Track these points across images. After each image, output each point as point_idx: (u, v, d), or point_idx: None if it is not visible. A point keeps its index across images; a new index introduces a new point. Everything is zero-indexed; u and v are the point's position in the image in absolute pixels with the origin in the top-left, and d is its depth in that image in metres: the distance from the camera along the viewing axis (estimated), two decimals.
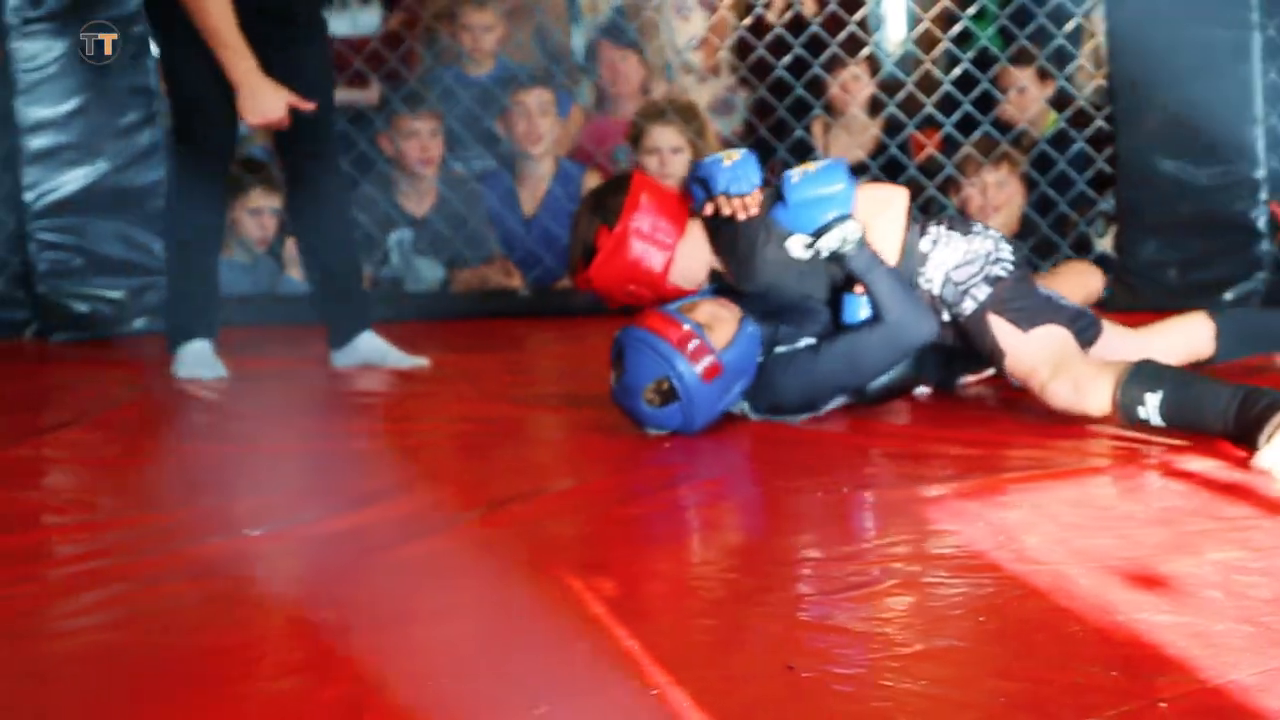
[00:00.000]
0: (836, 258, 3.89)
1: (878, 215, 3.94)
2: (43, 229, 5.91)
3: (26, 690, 2.44)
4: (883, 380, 4.06)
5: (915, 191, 6.09)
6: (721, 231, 3.98)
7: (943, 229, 4.00)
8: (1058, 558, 2.87)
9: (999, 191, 6.07)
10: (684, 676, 2.33)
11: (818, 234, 3.88)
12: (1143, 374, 3.69)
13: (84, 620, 2.76)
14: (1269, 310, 4.73)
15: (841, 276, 3.94)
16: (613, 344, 3.92)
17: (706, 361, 3.80)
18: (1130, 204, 5.78)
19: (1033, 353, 3.86)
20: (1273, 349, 4.30)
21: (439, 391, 4.94)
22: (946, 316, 3.96)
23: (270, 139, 4.88)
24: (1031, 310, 3.91)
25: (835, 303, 3.97)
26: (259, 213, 6.18)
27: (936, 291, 3.96)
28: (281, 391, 4.93)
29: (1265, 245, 5.62)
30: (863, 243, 3.87)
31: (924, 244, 3.97)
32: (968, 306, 3.93)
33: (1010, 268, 3.94)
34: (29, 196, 5.89)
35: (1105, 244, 5.98)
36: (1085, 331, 4.05)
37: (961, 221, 4.06)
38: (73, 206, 5.92)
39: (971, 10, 6.20)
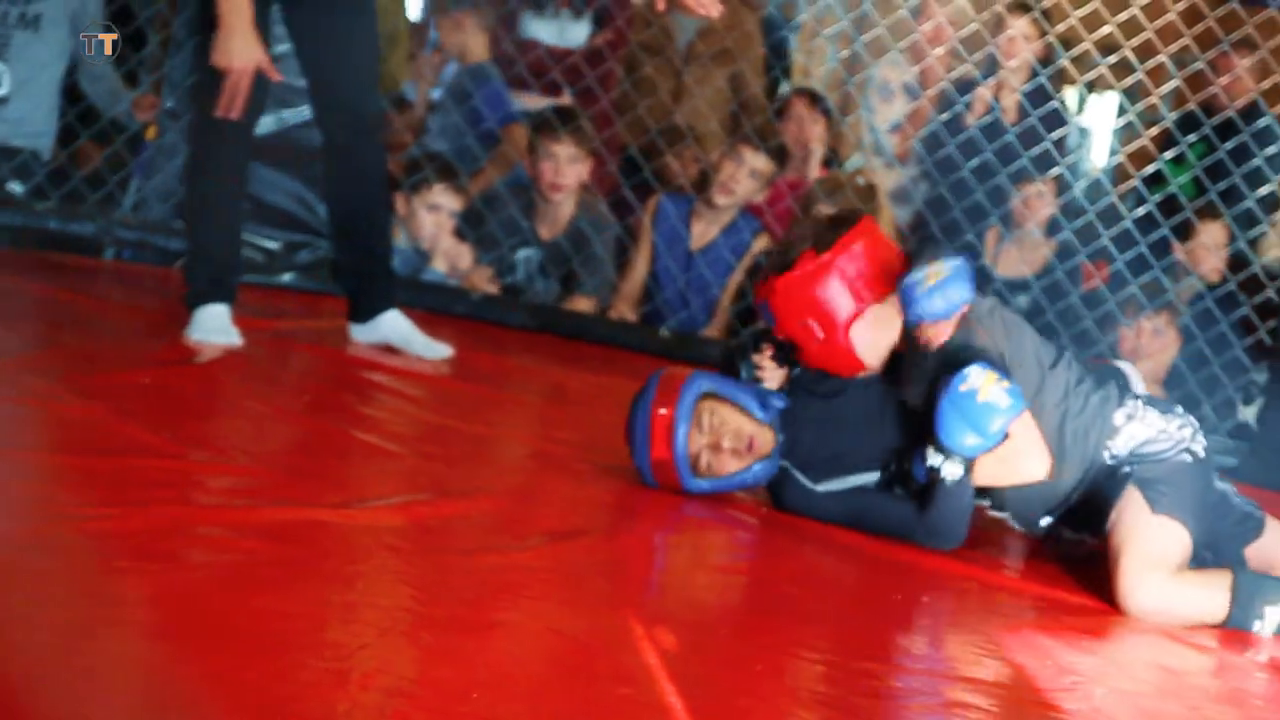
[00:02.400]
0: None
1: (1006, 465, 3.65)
2: None
3: (89, 610, 2.48)
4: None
5: (1072, 320, 6.04)
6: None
7: (1140, 405, 3.71)
8: (1121, 714, 2.82)
9: (1153, 339, 6.00)
10: None
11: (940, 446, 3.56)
12: (1263, 586, 3.50)
13: (156, 555, 2.80)
14: None
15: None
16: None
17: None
18: None
19: (1140, 539, 3.53)
20: None
21: (534, 403, 4.96)
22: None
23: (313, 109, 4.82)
24: (1175, 499, 3.58)
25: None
26: (436, 209, 6.21)
27: (1119, 457, 3.68)
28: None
29: None
30: (965, 480, 3.61)
31: (1118, 418, 3.68)
32: (1126, 468, 3.66)
33: (1192, 457, 3.67)
34: None
35: (1248, 414, 5.89)
36: (1250, 531, 3.82)
37: (1160, 401, 3.78)
38: None
39: (1170, 154, 6.14)
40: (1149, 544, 3.52)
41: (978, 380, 3.49)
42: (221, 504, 3.15)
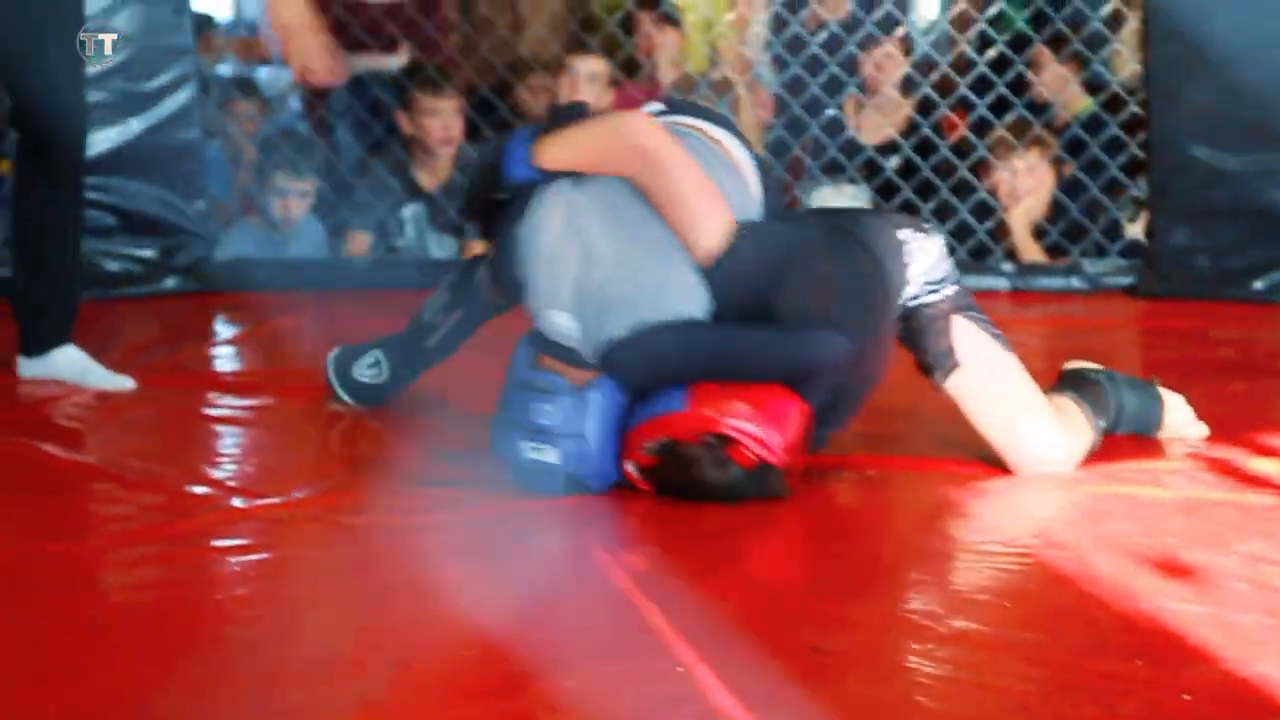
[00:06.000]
0: None
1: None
2: None
3: (67, 644, 2.48)
4: None
5: (948, 172, 6.09)
6: None
7: (911, 232, 3.31)
8: (1083, 544, 2.88)
9: (1029, 176, 6.06)
10: (709, 654, 2.34)
11: None
12: (1098, 406, 3.48)
13: (123, 578, 2.83)
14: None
15: None
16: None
17: None
18: (1162, 190, 5.77)
19: (1015, 396, 3.33)
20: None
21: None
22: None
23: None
24: (991, 324, 3.38)
25: None
26: (284, 194, 6.20)
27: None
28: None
29: None
30: None
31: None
32: (928, 299, 3.31)
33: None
34: None
35: (1136, 230, 5.97)
36: None
37: (904, 218, 3.40)
38: (106, 165, 5.90)
39: None
40: (1025, 397, 3.34)
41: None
42: (174, 515, 3.15)
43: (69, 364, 4.42)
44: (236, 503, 3.24)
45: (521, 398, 3.15)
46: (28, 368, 4.44)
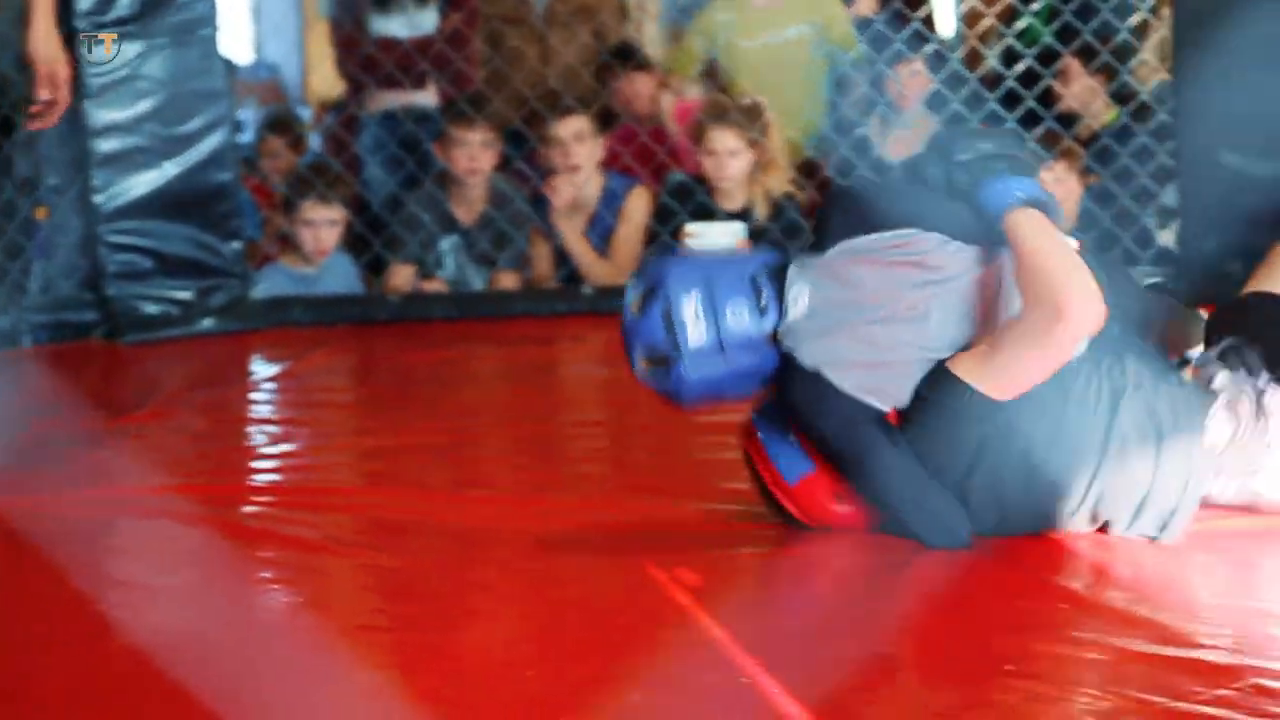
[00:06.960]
0: None
1: None
2: (112, 231, 5.94)
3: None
4: None
5: None
6: None
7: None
8: None
9: (1056, 188, 6.05)
10: (773, 665, 2.35)
11: None
12: None
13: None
14: None
15: None
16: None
17: None
18: (1192, 198, 5.77)
19: None
20: None
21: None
22: None
23: None
24: None
25: None
26: (312, 224, 6.22)
27: None
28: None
29: None
30: None
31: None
32: None
33: None
34: (99, 199, 5.92)
35: (1167, 238, 5.97)
36: None
37: None
38: (142, 209, 5.95)
39: (1035, 6, 6.20)
40: None
41: None
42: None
43: None
44: (286, 533, 3.26)
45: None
46: None
